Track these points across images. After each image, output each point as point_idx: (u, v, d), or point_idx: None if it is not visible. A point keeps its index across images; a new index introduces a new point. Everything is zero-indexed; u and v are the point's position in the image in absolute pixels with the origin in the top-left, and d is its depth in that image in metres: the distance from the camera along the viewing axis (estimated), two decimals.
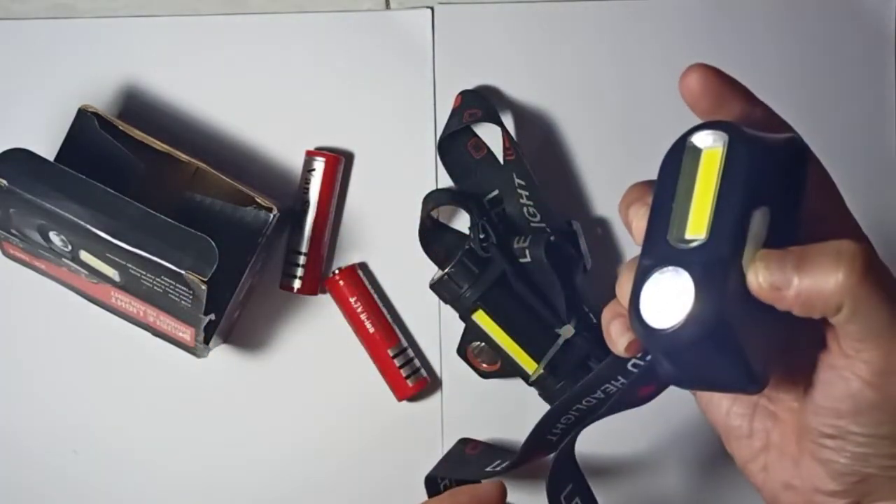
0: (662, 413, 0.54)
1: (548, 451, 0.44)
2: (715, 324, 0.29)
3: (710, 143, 0.31)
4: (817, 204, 0.33)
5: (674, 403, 0.42)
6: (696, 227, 0.31)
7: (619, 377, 0.37)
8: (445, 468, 0.54)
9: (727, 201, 0.30)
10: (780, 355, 0.32)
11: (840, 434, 0.31)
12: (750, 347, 0.30)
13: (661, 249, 0.31)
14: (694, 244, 0.30)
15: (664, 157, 0.33)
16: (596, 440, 0.46)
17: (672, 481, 0.57)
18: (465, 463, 0.54)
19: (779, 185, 0.31)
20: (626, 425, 0.41)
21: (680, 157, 0.32)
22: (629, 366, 0.37)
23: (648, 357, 0.35)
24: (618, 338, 0.34)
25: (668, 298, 0.30)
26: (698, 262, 0.30)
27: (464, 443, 0.56)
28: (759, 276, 0.30)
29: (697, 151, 0.31)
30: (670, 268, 0.31)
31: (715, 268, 0.30)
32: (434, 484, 0.54)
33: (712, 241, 0.30)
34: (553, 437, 0.43)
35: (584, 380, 0.39)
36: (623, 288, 0.33)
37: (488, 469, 0.51)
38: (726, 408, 0.36)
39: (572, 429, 0.41)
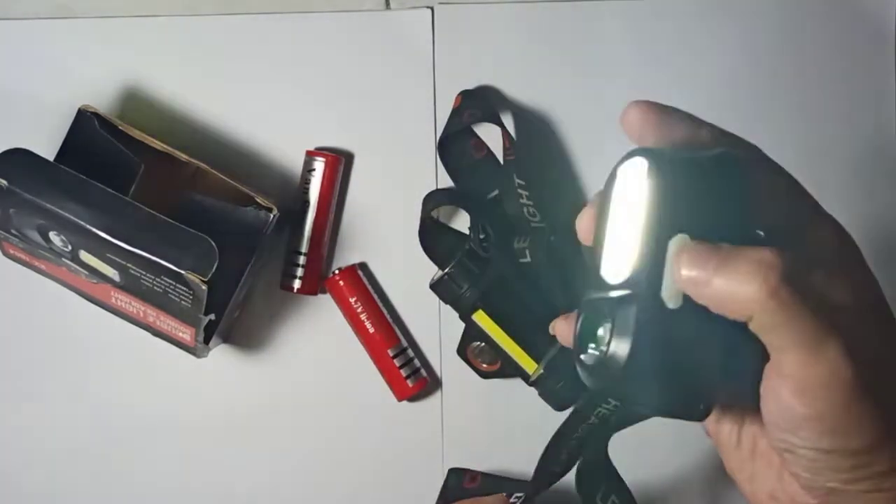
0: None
1: (554, 481, 0.45)
2: (632, 360, 0.30)
3: (631, 172, 0.32)
4: (773, 212, 0.32)
5: None
6: (621, 261, 0.31)
7: (604, 404, 0.38)
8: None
9: (645, 233, 0.30)
10: (736, 373, 0.32)
11: (790, 448, 0.31)
12: (687, 374, 0.30)
13: (596, 282, 0.32)
14: (617, 281, 0.31)
15: (604, 184, 0.33)
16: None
17: (674, 484, 0.57)
18: (465, 497, 0.54)
19: (708, 203, 0.31)
20: (629, 430, 0.41)
21: (612, 186, 0.33)
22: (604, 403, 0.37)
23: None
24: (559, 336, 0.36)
25: (596, 337, 0.31)
26: (617, 301, 0.31)
27: (458, 474, 0.56)
28: (682, 270, 0.30)
29: (622, 181, 0.32)
30: (595, 307, 0.31)
31: (630, 307, 0.30)
32: None
33: (631, 277, 0.30)
34: (558, 467, 0.44)
35: (570, 414, 0.40)
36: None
37: None
38: (717, 416, 0.36)
39: (577, 456, 0.42)
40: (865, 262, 0.32)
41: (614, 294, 0.31)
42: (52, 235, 0.49)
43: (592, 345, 0.31)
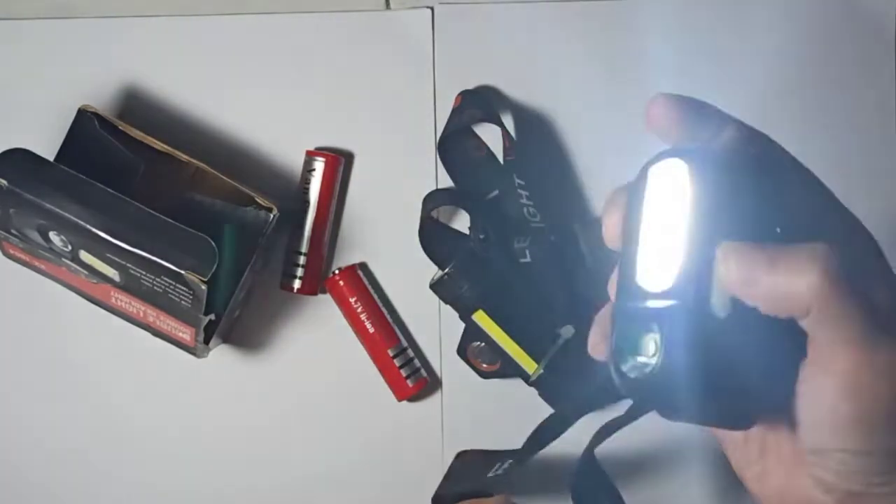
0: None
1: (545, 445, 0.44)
2: (683, 373, 0.29)
3: (668, 174, 0.30)
4: (801, 206, 0.32)
5: None
6: (662, 268, 0.30)
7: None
8: (448, 486, 0.54)
9: (690, 239, 0.29)
10: (775, 375, 0.32)
11: (822, 450, 0.31)
12: (733, 383, 0.30)
13: (632, 290, 0.31)
14: (660, 288, 0.30)
15: (632, 186, 0.32)
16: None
17: (675, 482, 0.57)
18: (466, 473, 0.54)
19: (745, 205, 0.30)
20: (631, 426, 0.41)
21: (644, 188, 0.31)
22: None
23: None
24: (592, 338, 0.34)
25: (640, 345, 0.30)
26: (663, 312, 0.29)
27: (462, 456, 0.56)
28: (731, 269, 0.29)
29: (657, 183, 0.31)
30: (639, 315, 0.30)
31: (680, 316, 0.29)
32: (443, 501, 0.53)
33: (676, 286, 0.29)
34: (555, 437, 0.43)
35: (578, 400, 0.39)
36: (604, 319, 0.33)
37: (490, 474, 0.51)
38: None
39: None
40: (886, 260, 0.32)
41: (657, 304, 0.30)
42: (52, 235, 0.49)
43: (635, 357, 0.30)
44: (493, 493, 0.53)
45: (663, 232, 0.30)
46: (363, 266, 0.57)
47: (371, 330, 0.55)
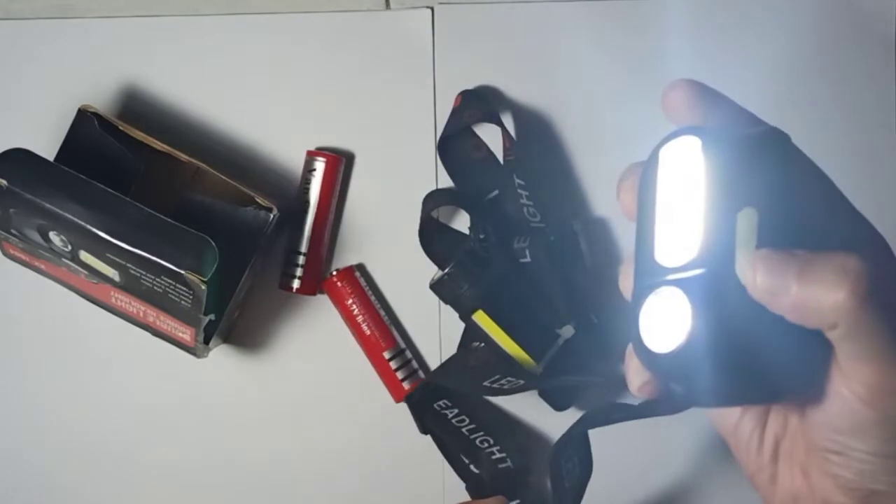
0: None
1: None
2: (716, 340, 0.28)
3: (682, 152, 0.30)
4: (814, 202, 0.32)
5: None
6: (682, 241, 0.30)
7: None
8: (442, 375, 0.53)
9: (708, 210, 0.29)
10: (796, 358, 0.31)
11: (842, 450, 0.30)
12: (761, 355, 0.29)
13: (652, 269, 0.30)
14: (683, 260, 0.30)
15: (643, 169, 0.32)
16: (602, 439, 0.46)
17: (678, 482, 0.57)
18: (464, 372, 0.53)
19: (762, 180, 0.30)
20: (632, 425, 0.41)
21: (655, 169, 0.31)
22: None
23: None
24: (633, 377, 0.33)
25: (667, 320, 0.30)
26: (690, 280, 0.29)
27: (466, 353, 0.54)
28: (758, 278, 0.29)
29: (670, 162, 0.31)
30: (663, 288, 0.30)
31: (708, 283, 0.29)
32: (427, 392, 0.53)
33: (700, 255, 0.29)
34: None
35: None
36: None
37: (486, 384, 0.50)
38: (737, 416, 0.35)
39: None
40: None
41: (682, 275, 0.29)
42: (52, 235, 0.49)
43: (663, 333, 0.30)
44: (479, 396, 0.52)
45: (679, 208, 0.30)
46: (361, 267, 0.57)
47: (367, 332, 0.55)
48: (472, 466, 0.55)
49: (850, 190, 0.34)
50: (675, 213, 0.30)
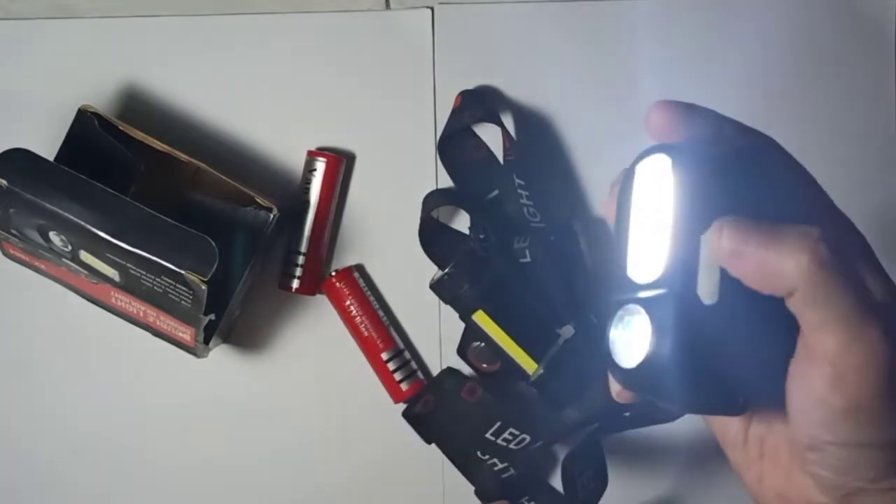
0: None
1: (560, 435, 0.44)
2: (676, 358, 0.29)
3: (654, 169, 0.31)
4: (800, 205, 0.32)
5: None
6: (650, 259, 0.31)
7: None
8: (435, 403, 0.53)
9: (675, 229, 0.30)
10: (766, 369, 0.32)
11: (818, 446, 0.31)
12: (723, 369, 0.30)
13: (623, 284, 0.31)
14: (650, 278, 0.30)
15: (621, 183, 0.33)
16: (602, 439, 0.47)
17: (678, 482, 0.57)
18: (461, 411, 0.53)
19: (735, 197, 0.31)
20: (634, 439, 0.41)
21: (631, 184, 0.32)
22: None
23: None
24: (612, 385, 0.34)
25: (632, 336, 0.31)
26: (652, 300, 0.30)
27: (457, 379, 0.54)
28: (723, 241, 0.30)
29: (643, 179, 0.32)
30: (630, 306, 0.31)
31: (668, 304, 0.30)
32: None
33: (664, 276, 0.30)
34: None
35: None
36: None
37: (488, 436, 0.50)
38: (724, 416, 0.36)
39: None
40: (879, 261, 0.32)
41: (646, 294, 0.30)
42: (52, 235, 0.49)
43: (630, 348, 0.31)
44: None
45: (650, 225, 0.31)
46: (360, 268, 0.57)
47: (366, 333, 0.55)
48: (477, 471, 0.55)
49: (849, 190, 0.34)
50: (647, 230, 0.31)
